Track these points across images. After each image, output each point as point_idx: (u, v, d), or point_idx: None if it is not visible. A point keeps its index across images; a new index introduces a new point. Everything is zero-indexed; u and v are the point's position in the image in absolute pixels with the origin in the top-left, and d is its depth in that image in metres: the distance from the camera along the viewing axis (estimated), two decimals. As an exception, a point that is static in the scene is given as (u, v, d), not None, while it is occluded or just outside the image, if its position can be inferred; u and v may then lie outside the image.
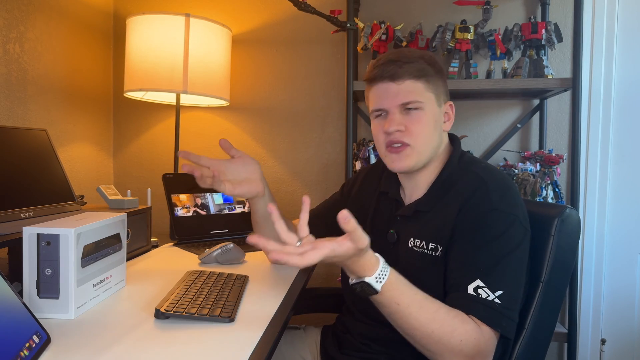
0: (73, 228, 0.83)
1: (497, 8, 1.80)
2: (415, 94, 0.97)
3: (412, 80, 0.97)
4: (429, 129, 0.99)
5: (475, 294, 0.85)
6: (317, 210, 1.32)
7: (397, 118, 0.98)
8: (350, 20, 1.71)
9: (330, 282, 1.94)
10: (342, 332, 1.13)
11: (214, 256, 1.27)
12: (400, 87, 0.98)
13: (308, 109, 2.00)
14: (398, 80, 0.97)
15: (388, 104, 0.99)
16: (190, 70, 1.66)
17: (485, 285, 0.85)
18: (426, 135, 0.98)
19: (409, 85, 0.97)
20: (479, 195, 0.94)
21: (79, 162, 1.86)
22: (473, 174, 0.98)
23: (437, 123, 1.01)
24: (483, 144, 1.90)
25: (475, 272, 0.87)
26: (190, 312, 0.83)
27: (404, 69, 0.97)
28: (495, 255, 0.88)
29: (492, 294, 0.84)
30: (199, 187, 1.73)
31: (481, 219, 0.91)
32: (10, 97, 1.51)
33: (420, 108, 0.98)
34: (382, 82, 0.99)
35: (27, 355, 0.65)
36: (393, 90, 0.98)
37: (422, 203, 1.02)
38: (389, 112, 0.99)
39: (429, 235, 0.98)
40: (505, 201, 0.93)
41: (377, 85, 1.00)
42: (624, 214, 1.85)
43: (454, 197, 0.97)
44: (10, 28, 1.50)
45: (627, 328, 1.85)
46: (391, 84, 0.98)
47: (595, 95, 1.83)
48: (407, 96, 0.97)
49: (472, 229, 0.91)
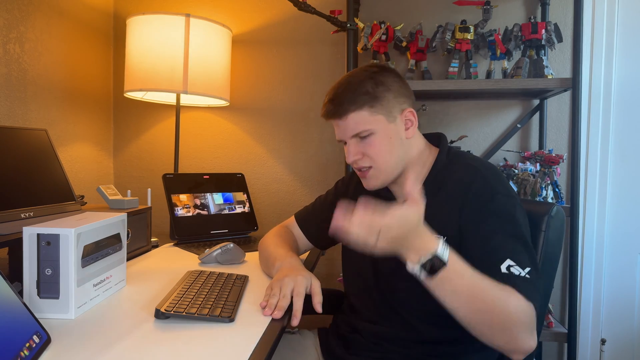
0: (73, 228, 0.83)
1: (497, 8, 1.80)
2: (361, 124, 1.03)
3: (354, 113, 1.03)
4: (385, 147, 1.04)
5: (508, 272, 0.87)
6: (311, 208, 1.31)
7: (352, 149, 1.05)
8: (350, 20, 1.71)
9: (330, 282, 1.94)
10: (349, 333, 1.12)
11: (214, 256, 1.27)
12: (346, 123, 1.04)
13: (308, 109, 2.00)
14: (342, 117, 1.04)
15: (342, 136, 1.07)
16: (190, 71, 1.66)
17: (515, 263, 0.88)
18: (384, 154, 1.04)
19: (353, 117, 1.03)
20: (478, 183, 0.98)
21: (79, 162, 1.86)
22: (465, 165, 1.03)
23: (394, 138, 1.04)
24: (483, 144, 1.90)
25: (503, 253, 0.89)
26: (190, 312, 0.83)
27: (344, 107, 1.03)
28: (513, 236, 0.92)
29: (522, 270, 0.87)
30: (199, 187, 1.74)
31: (488, 205, 0.95)
32: (11, 97, 1.51)
33: (372, 132, 1.03)
34: (332, 120, 1.07)
35: (27, 355, 0.65)
36: (342, 126, 1.05)
37: None
38: (347, 143, 1.07)
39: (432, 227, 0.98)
40: (502, 184, 0.99)
41: (330, 122, 1.09)
42: (624, 214, 1.85)
43: (453, 189, 1.01)
44: (10, 28, 1.50)
45: (627, 328, 1.85)
46: (338, 121, 1.05)
47: (595, 95, 1.83)
48: (355, 128, 1.03)
49: (484, 216, 0.95)
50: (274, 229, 1.30)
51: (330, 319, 1.25)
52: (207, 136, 2.05)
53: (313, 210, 1.30)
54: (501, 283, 0.84)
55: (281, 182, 2.02)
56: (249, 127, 2.03)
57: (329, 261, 1.98)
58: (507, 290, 0.83)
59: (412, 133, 1.06)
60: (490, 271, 0.87)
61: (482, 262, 0.90)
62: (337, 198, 1.25)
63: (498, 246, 0.91)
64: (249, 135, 2.03)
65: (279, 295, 0.94)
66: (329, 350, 1.15)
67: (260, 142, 2.03)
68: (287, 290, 0.94)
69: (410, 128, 1.06)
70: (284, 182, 2.02)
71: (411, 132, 1.06)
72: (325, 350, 1.17)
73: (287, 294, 0.93)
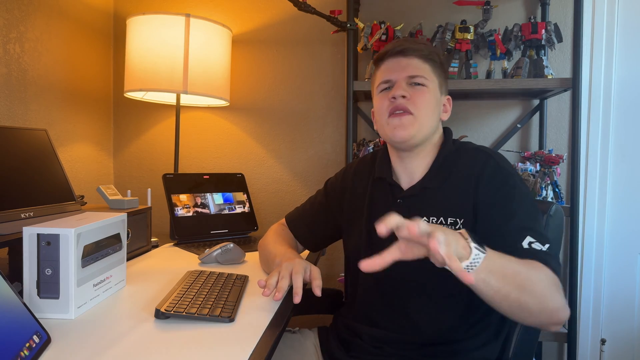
0: (73, 228, 0.83)
1: (497, 8, 1.80)
2: (423, 70, 1.04)
3: (420, 60, 1.04)
4: (431, 105, 1.04)
5: (530, 247, 0.88)
6: (301, 209, 1.30)
7: (403, 86, 1.03)
8: (350, 20, 1.71)
9: (330, 282, 1.94)
10: (349, 336, 1.11)
11: (214, 256, 1.27)
12: (409, 61, 1.04)
13: (308, 109, 2.00)
14: (408, 55, 1.04)
15: (396, 75, 1.04)
16: (190, 71, 1.66)
17: (535, 239, 0.90)
18: (428, 109, 1.04)
19: (417, 62, 1.04)
20: (491, 164, 1.01)
21: (79, 162, 1.86)
22: (473, 150, 1.07)
23: (438, 106, 1.07)
24: (483, 144, 1.88)
25: (523, 231, 0.91)
26: (190, 312, 0.83)
27: (414, 47, 1.04)
28: (530, 214, 0.94)
29: (542, 246, 0.89)
30: (199, 187, 1.74)
31: (504, 185, 0.97)
32: (11, 97, 1.51)
33: (426, 85, 1.04)
34: (392, 57, 1.05)
35: (27, 355, 0.65)
36: (402, 64, 1.04)
37: (428, 180, 1.05)
38: (396, 83, 1.04)
39: (445, 210, 1.01)
40: (509, 165, 1.03)
41: (387, 61, 1.06)
42: (624, 214, 1.85)
43: (465, 172, 1.02)
44: (10, 28, 1.50)
45: (627, 328, 1.85)
46: (401, 58, 1.04)
47: (595, 95, 1.83)
48: (416, 70, 1.03)
49: (501, 196, 0.96)
50: (272, 227, 1.30)
51: (331, 318, 1.25)
52: (207, 136, 2.05)
53: (303, 212, 1.29)
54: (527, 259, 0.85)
55: (281, 182, 2.02)
56: (249, 127, 2.03)
57: (329, 261, 1.98)
58: (536, 266, 0.85)
59: (445, 117, 1.10)
60: (513, 249, 0.87)
61: (503, 240, 0.90)
62: (327, 199, 1.25)
63: (518, 225, 0.92)
64: (249, 135, 2.03)
65: (278, 276, 0.95)
66: (329, 350, 1.15)
67: (260, 142, 2.03)
68: (286, 272, 0.95)
69: (445, 113, 1.10)
70: (284, 182, 2.02)
71: (445, 116, 1.10)
72: (325, 350, 1.17)
73: (286, 275, 0.94)
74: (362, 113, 1.95)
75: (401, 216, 1.05)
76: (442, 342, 1.01)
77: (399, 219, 0.73)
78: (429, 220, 1.01)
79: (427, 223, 0.73)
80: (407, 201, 1.06)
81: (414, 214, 1.03)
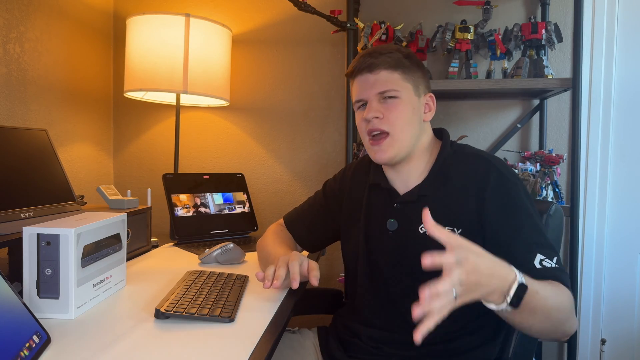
0: (73, 228, 0.83)
1: (497, 8, 1.80)
2: (391, 83, 1.03)
3: (388, 71, 1.03)
4: (406, 116, 1.03)
5: (542, 266, 0.89)
6: (300, 210, 1.30)
7: (374, 106, 1.03)
8: (350, 20, 1.71)
9: (330, 282, 1.94)
10: (349, 336, 1.12)
11: (214, 256, 1.27)
12: (377, 77, 1.03)
13: (308, 109, 2.00)
14: (375, 71, 1.03)
15: (367, 94, 1.04)
16: (190, 70, 1.66)
17: (544, 256, 0.91)
18: (403, 122, 1.03)
19: (385, 75, 1.03)
20: (494, 175, 0.99)
21: (79, 162, 1.86)
22: (473, 155, 1.05)
23: (416, 111, 1.05)
24: (483, 144, 1.90)
25: (533, 247, 0.92)
26: (190, 312, 0.83)
27: (380, 60, 1.03)
28: (536, 228, 0.95)
29: (551, 262, 0.90)
30: (199, 187, 1.74)
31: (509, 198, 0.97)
32: (10, 97, 1.51)
33: (397, 96, 1.03)
34: (361, 74, 1.05)
35: (27, 355, 0.65)
36: (371, 81, 1.03)
37: (425, 187, 1.05)
38: (368, 101, 1.04)
39: (442, 219, 0.99)
40: (512, 173, 1.02)
41: (357, 78, 1.06)
42: (624, 214, 1.85)
43: (464, 180, 1.01)
44: (10, 28, 1.50)
45: (627, 328, 1.85)
46: (369, 75, 1.04)
47: (595, 95, 1.83)
48: (384, 85, 1.02)
49: (508, 211, 0.96)
50: (271, 227, 1.30)
51: (330, 318, 1.25)
52: (207, 136, 2.05)
53: (302, 213, 1.29)
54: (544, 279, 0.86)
55: (281, 182, 2.02)
56: (249, 127, 2.03)
57: (329, 261, 1.98)
58: (557, 287, 0.86)
59: (429, 117, 1.08)
60: (526, 268, 0.86)
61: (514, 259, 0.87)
62: (326, 200, 1.25)
63: (527, 242, 0.93)
64: (249, 135, 2.03)
65: (275, 267, 0.96)
66: (329, 350, 1.15)
67: (260, 142, 2.03)
68: (282, 262, 0.97)
69: (428, 112, 1.08)
70: (284, 182, 2.02)
71: (429, 116, 1.08)
72: (325, 350, 1.17)
73: (283, 265, 0.96)
74: (362, 113, 1.95)
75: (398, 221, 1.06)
76: (441, 341, 1.01)
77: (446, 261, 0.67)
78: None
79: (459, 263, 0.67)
80: (404, 206, 1.06)
81: (407, 221, 1.04)
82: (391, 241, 1.06)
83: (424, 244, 1.00)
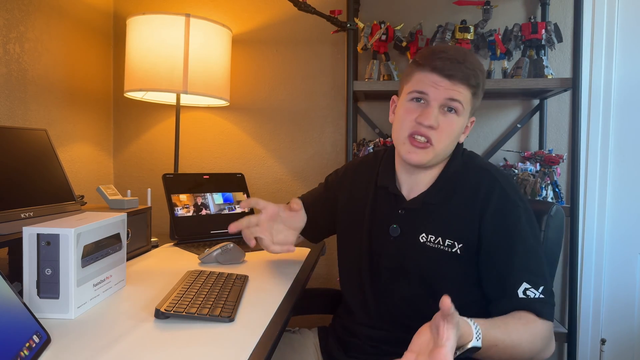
0: (73, 228, 0.83)
1: (497, 8, 1.80)
2: (462, 96, 0.98)
3: (465, 87, 0.98)
4: (455, 134, 1.01)
5: (525, 296, 0.92)
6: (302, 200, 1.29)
7: (435, 114, 0.98)
8: (350, 20, 1.71)
9: (330, 282, 1.94)
10: (347, 336, 1.11)
11: (214, 256, 1.27)
12: (453, 87, 0.97)
13: (308, 109, 2.00)
14: (454, 82, 0.97)
15: (434, 95, 0.98)
16: (190, 71, 1.66)
17: (530, 285, 0.92)
18: (451, 139, 1.01)
19: (461, 88, 0.98)
20: (497, 194, 0.99)
21: (79, 162, 1.86)
22: (482, 171, 1.03)
23: (461, 130, 1.03)
24: (483, 144, 1.90)
25: (521, 276, 0.93)
26: (190, 312, 0.83)
27: (465, 74, 0.97)
28: (530, 254, 0.95)
29: (537, 292, 0.92)
30: (199, 187, 1.74)
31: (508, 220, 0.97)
32: (11, 97, 1.51)
33: (458, 113, 0.99)
34: (438, 75, 0.97)
35: (27, 355, 0.65)
36: (444, 85, 0.97)
37: (430, 195, 1.04)
38: (430, 104, 0.99)
39: (444, 231, 1.00)
40: (519, 195, 1.01)
41: (431, 74, 0.98)
42: (624, 214, 1.85)
43: (469, 194, 1.01)
44: (10, 28, 1.50)
45: (627, 328, 1.85)
46: (445, 81, 0.97)
47: (595, 95, 1.83)
48: (456, 94, 0.97)
49: (504, 235, 0.97)
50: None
51: (330, 318, 1.25)
52: (207, 136, 2.05)
53: (304, 202, 1.28)
54: (521, 311, 0.90)
55: (281, 182, 2.02)
56: (249, 127, 2.03)
57: (329, 261, 1.98)
58: (528, 324, 0.89)
59: (463, 139, 1.06)
60: (509, 296, 0.92)
61: (500, 285, 0.95)
62: (327, 192, 1.26)
63: (517, 269, 0.94)
64: (249, 135, 2.03)
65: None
66: (329, 350, 1.15)
67: (260, 142, 2.03)
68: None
69: (464, 134, 1.06)
70: (284, 182, 2.02)
71: (463, 138, 1.06)
72: (325, 350, 1.17)
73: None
74: (362, 113, 1.95)
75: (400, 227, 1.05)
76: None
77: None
78: (426, 238, 1.01)
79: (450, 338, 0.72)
80: (408, 213, 1.06)
81: (410, 228, 1.04)
82: (392, 246, 1.05)
83: (423, 252, 1.01)
